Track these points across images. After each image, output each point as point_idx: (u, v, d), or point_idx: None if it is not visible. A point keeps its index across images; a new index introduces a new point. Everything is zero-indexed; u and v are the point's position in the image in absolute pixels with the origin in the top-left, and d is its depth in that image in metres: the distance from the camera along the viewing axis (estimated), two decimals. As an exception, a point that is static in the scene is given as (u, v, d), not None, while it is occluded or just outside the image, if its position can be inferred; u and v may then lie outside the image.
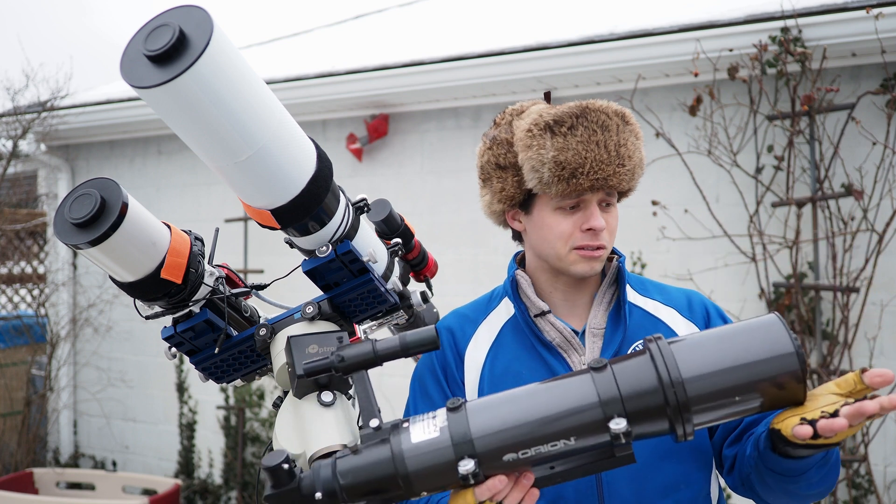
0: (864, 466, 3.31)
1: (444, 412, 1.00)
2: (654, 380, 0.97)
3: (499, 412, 0.98)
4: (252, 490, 4.83)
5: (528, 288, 1.46)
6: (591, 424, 0.96)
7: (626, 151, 1.37)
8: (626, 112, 1.42)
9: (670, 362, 0.97)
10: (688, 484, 1.35)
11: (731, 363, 0.97)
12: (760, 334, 0.99)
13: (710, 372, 0.96)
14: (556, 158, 1.35)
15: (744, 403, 0.98)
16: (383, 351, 1.01)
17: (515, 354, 1.43)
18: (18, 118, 5.07)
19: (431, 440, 0.96)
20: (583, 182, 1.35)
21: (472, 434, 0.96)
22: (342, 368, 1.00)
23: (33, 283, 5.89)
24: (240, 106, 0.94)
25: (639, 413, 0.96)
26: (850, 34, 3.21)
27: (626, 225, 3.82)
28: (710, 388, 0.96)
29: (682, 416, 0.96)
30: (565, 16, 4.74)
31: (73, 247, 0.99)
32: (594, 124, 1.36)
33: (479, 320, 1.50)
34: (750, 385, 0.97)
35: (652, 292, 1.49)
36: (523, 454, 0.97)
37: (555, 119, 1.37)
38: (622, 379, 0.98)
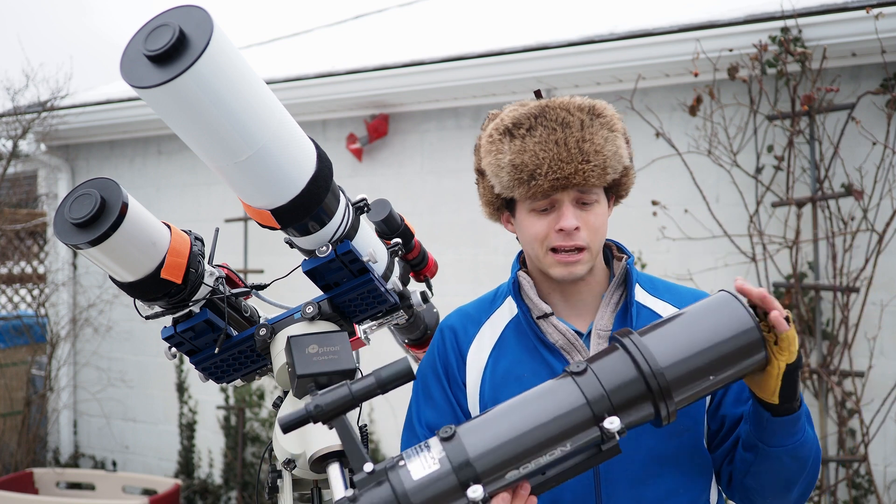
0: (864, 466, 3.31)
1: (438, 442, 1.00)
2: (635, 372, 1.05)
3: (493, 432, 1.00)
4: (252, 490, 4.83)
5: (530, 290, 1.44)
6: (583, 426, 1.02)
7: (591, 147, 1.32)
8: (596, 105, 1.37)
9: (647, 354, 1.05)
10: (687, 489, 1.34)
11: (701, 345, 1.07)
12: (721, 313, 1.10)
13: (683, 357, 1.06)
14: (513, 162, 1.33)
15: (717, 377, 1.08)
16: (360, 391, 0.98)
17: (518, 357, 1.41)
18: (18, 118, 5.07)
19: (433, 473, 0.96)
20: (542, 183, 1.32)
21: (472, 459, 0.97)
22: (320, 417, 0.96)
23: (33, 283, 5.89)
24: (240, 106, 0.94)
25: (625, 404, 1.03)
26: (850, 34, 3.21)
27: (626, 225, 3.83)
28: (687, 369, 1.06)
29: (665, 400, 1.05)
30: (565, 16, 4.74)
31: (73, 247, 0.99)
32: (553, 122, 1.33)
33: (483, 320, 1.48)
34: (721, 361, 1.08)
35: (662, 292, 1.46)
36: (524, 468, 0.99)
37: (513, 122, 1.36)
38: (604, 377, 1.04)
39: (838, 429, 3.32)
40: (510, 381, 1.38)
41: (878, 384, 3.31)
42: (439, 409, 1.43)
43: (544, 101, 1.38)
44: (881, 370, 3.33)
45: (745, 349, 1.09)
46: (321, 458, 1.04)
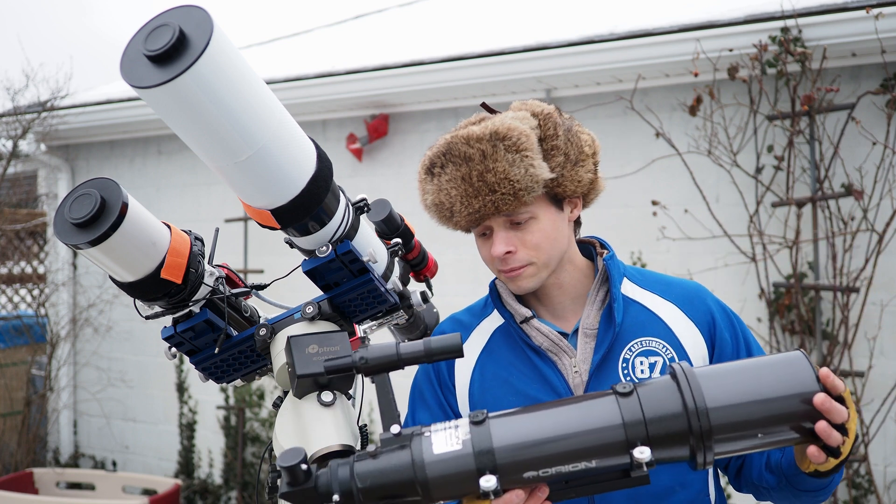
0: (864, 466, 3.31)
1: (468, 423, 1.00)
2: (679, 405, 0.98)
3: (522, 429, 0.99)
4: (252, 490, 4.83)
5: (507, 295, 1.46)
6: (613, 447, 0.97)
7: (493, 177, 1.30)
8: (498, 129, 1.32)
9: (696, 389, 0.98)
10: (684, 486, 1.34)
11: (755, 396, 0.98)
12: (786, 369, 1.00)
13: (734, 403, 0.98)
14: (434, 202, 1.38)
15: (765, 437, 0.99)
16: (407, 354, 1.00)
17: (507, 360, 1.42)
18: (18, 118, 5.07)
19: (454, 452, 0.97)
20: (459, 220, 1.36)
21: (495, 449, 0.97)
22: (364, 370, 1.00)
23: (33, 283, 5.89)
24: (240, 106, 0.94)
25: (661, 438, 0.97)
26: (850, 34, 3.21)
27: (626, 225, 3.84)
28: (734, 418, 0.97)
29: (703, 443, 0.97)
30: (565, 16, 4.74)
31: (73, 247, 0.98)
32: (458, 158, 1.34)
33: (473, 326, 1.50)
34: (772, 419, 0.99)
35: (652, 284, 1.46)
36: (543, 472, 0.98)
37: (430, 161, 1.39)
38: (647, 403, 0.98)
39: (838, 429, 3.32)
40: (498, 384, 1.40)
41: (878, 384, 3.31)
42: (433, 412, 1.46)
43: (450, 135, 1.38)
44: (881, 370, 3.33)
45: (801, 414, 0.99)
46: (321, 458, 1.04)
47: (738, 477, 1.38)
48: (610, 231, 3.71)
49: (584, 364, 1.37)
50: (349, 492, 0.95)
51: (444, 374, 1.47)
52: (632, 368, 1.36)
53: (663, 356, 1.36)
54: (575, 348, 1.39)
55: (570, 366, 1.38)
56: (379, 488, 0.96)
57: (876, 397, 3.30)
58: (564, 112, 1.46)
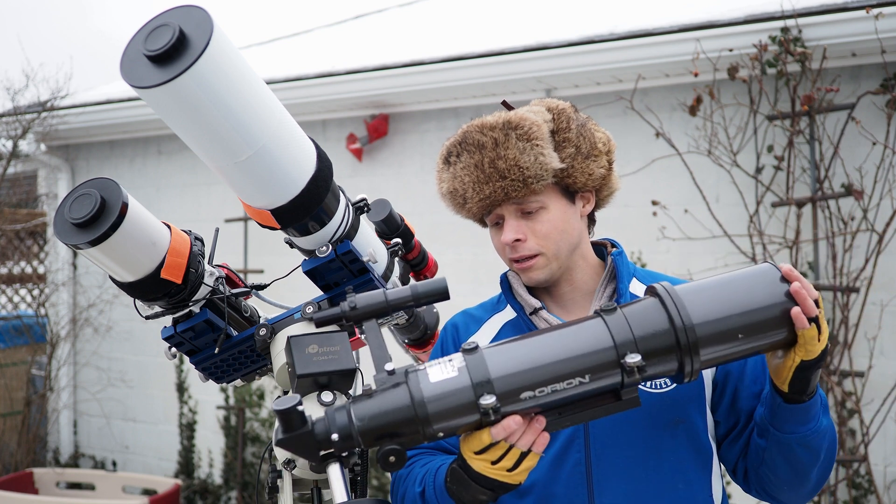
0: (864, 466, 3.31)
1: (461, 355, 1.01)
2: (666, 322, 1.04)
3: (515, 353, 1.02)
4: (252, 490, 4.83)
5: (519, 287, 1.47)
6: (606, 363, 1.01)
7: (504, 164, 1.34)
8: (511, 119, 1.38)
9: (681, 306, 1.04)
10: (686, 484, 1.34)
11: (735, 308, 1.06)
12: (759, 279, 1.09)
13: (717, 317, 1.05)
14: (449, 189, 1.41)
15: (745, 343, 1.07)
16: (395, 299, 1.01)
17: None
18: (18, 118, 5.07)
19: (450, 380, 0.97)
20: (471, 206, 1.39)
21: (491, 373, 0.98)
22: (353, 317, 1.00)
23: (33, 283, 5.89)
24: (239, 106, 0.94)
25: (650, 353, 1.03)
26: (850, 34, 3.21)
27: (626, 225, 3.83)
28: (717, 329, 1.05)
29: (691, 356, 1.04)
30: (565, 16, 4.74)
31: (73, 247, 0.99)
32: (472, 146, 1.38)
33: (484, 319, 1.51)
34: (751, 327, 1.07)
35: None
36: (540, 391, 1.00)
37: (448, 150, 1.43)
38: (634, 321, 1.04)
39: (838, 429, 3.32)
40: None
41: (878, 384, 3.31)
42: None
43: (466, 125, 1.42)
44: (881, 370, 3.33)
45: (774, 321, 1.08)
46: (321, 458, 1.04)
47: (746, 479, 1.38)
48: (610, 231, 3.68)
49: None
50: (348, 434, 0.95)
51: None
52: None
53: None
54: None
55: None
56: (378, 427, 0.96)
57: (876, 397, 3.30)
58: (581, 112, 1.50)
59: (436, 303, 1.03)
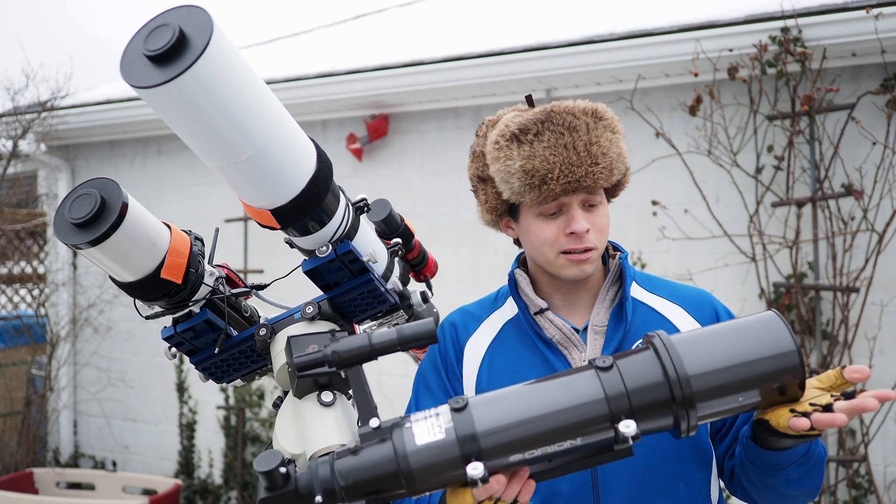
0: (864, 466, 3.31)
1: (448, 411, 0.98)
2: (660, 375, 0.98)
3: (504, 413, 0.97)
4: (252, 490, 4.83)
5: (526, 286, 1.48)
6: (597, 422, 0.96)
7: (598, 150, 1.35)
8: (598, 108, 1.39)
9: (676, 358, 0.98)
10: (687, 484, 1.34)
11: (734, 360, 0.99)
12: (761, 331, 1.01)
13: (714, 369, 0.98)
14: (525, 167, 1.35)
15: (745, 399, 1.00)
16: (379, 344, 0.96)
17: (516, 350, 1.44)
18: (18, 118, 5.07)
19: (437, 442, 0.95)
20: (554, 187, 1.34)
21: (479, 435, 0.95)
22: (336, 363, 0.95)
23: (33, 283, 5.89)
24: (239, 106, 0.94)
25: (644, 408, 0.97)
26: (850, 34, 3.21)
27: (626, 225, 3.83)
28: (714, 383, 0.98)
29: (687, 411, 0.97)
30: (565, 16, 4.74)
31: (73, 247, 0.98)
32: (561, 127, 1.35)
33: (483, 317, 1.51)
34: (752, 381, 0.99)
35: (659, 289, 1.49)
36: (529, 454, 0.96)
37: (520, 128, 1.37)
38: (628, 375, 0.99)
39: (838, 429, 3.32)
40: (507, 373, 1.42)
41: (878, 384, 3.31)
42: (438, 400, 1.47)
43: (548, 105, 1.39)
44: (881, 370, 3.33)
45: (780, 373, 1.00)
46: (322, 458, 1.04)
47: (732, 480, 1.38)
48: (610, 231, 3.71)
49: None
50: (331, 490, 0.93)
51: (453, 360, 1.48)
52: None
53: None
54: (585, 343, 1.41)
55: (580, 360, 1.39)
56: (362, 484, 0.94)
57: (876, 397, 3.29)
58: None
59: (423, 346, 0.98)
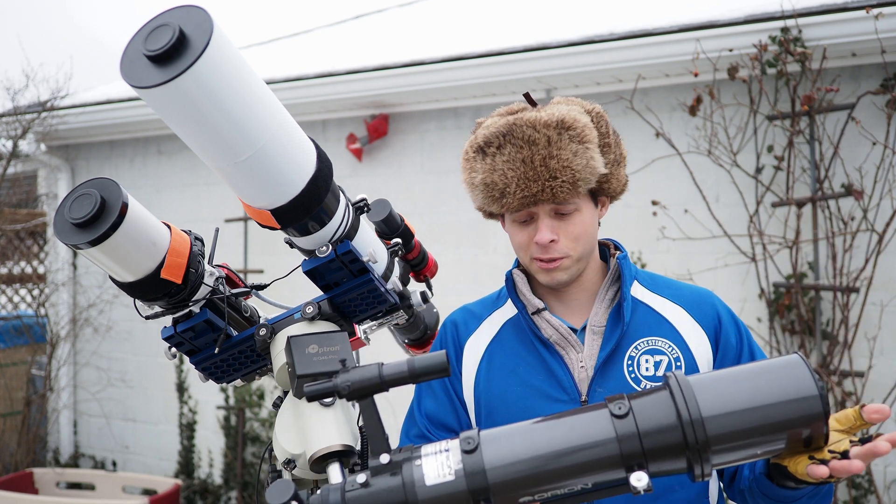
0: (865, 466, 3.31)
1: (459, 450, 0.98)
2: (674, 417, 0.94)
3: (515, 455, 0.97)
4: (252, 490, 4.83)
5: (524, 286, 1.48)
6: (608, 463, 0.95)
7: (557, 163, 1.32)
8: (565, 119, 1.36)
9: (690, 400, 0.94)
10: (682, 485, 1.34)
11: (752, 403, 0.94)
12: (783, 374, 0.97)
13: (730, 411, 0.94)
14: (485, 181, 1.37)
15: (764, 445, 0.96)
16: (390, 376, 0.98)
17: (515, 351, 1.45)
18: (18, 118, 5.07)
19: (447, 484, 0.95)
20: (511, 201, 1.35)
21: (489, 477, 0.95)
22: (346, 395, 0.97)
23: (33, 283, 5.89)
24: (239, 106, 0.94)
25: (657, 452, 0.94)
26: (850, 34, 3.21)
27: (626, 225, 3.83)
28: (731, 428, 0.94)
29: (700, 455, 0.93)
30: (565, 16, 4.74)
31: (73, 247, 0.98)
32: (520, 140, 1.35)
33: (484, 316, 1.52)
34: (771, 427, 0.95)
35: (662, 288, 1.48)
36: (539, 496, 0.97)
37: (485, 140, 1.38)
38: (640, 416, 0.95)
39: (838, 429, 3.32)
40: (504, 373, 1.43)
41: (878, 384, 3.31)
42: (439, 399, 1.49)
43: (513, 118, 1.39)
44: (881, 370, 3.33)
45: (801, 420, 0.95)
46: (321, 458, 1.04)
47: (731, 485, 1.38)
48: (610, 231, 3.71)
49: (590, 360, 1.39)
50: None
51: (453, 360, 1.49)
52: (637, 366, 1.38)
53: (669, 356, 1.38)
54: (582, 343, 1.41)
55: (577, 360, 1.39)
56: None
57: (876, 397, 3.30)
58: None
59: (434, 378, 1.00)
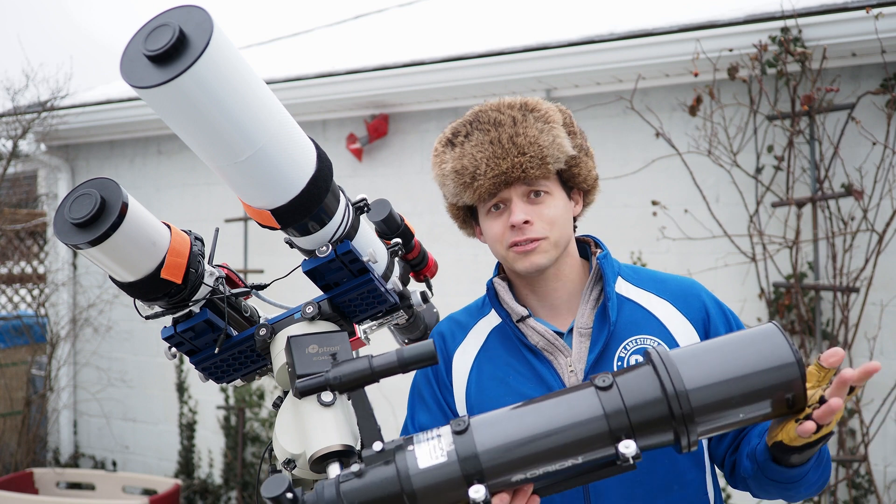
0: (864, 466, 3.31)
1: (450, 433, 1.00)
2: (659, 391, 0.98)
3: (505, 433, 0.99)
4: (252, 490, 4.83)
5: (505, 294, 1.47)
6: (598, 440, 0.97)
7: (524, 140, 1.35)
8: (528, 101, 1.41)
9: (674, 373, 0.98)
10: (681, 485, 1.33)
11: (733, 373, 0.98)
12: (760, 344, 1.00)
13: (712, 383, 0.97)
14: (455, 168, 1.39)
15: (746, 412, 0.99)
16: (380, 367, 1.00)
17: (503, 360, 1.43)
18: (18, 118, 5.07)
19: (439, 465, 0.97)
20: (483, 182, 1.37)
21: (481, 458, 0.97)
22: (338, 387, 0.99)
23: (33, 283, 5.89)
24: (239, 106, 0.94)
25: (643, 425, 0.97)
26: (850, 34, 3.21)
27: (626, 225, 3.83)
28: (714, 398, 0.97)
29: (686, 426, 0.97)
30: (565, 16, 4.74)
31: (73, 247, 0.98)
32: (486, 124, 1.38)
33: (470, 325, 1.51)
34: (752, 395, 0.98)
35: (647, 283, 1.46)
36: (531, 474, 0.98)
37: (453, 132, 1.42)
38: (626, 392, 0.99)
39: (838, 429, 3.32)
40: (495, 383, 1.41)
41: (878, 384, 3.31)
42: (431, 411, 1.47)
43: (478, 107, 1.43)
44: (881, 370, 3.33)
45: (780, 386, 0.99)
46: (321, 458, 1.04)
47: (733, 474, 1.38)
48: (610, 231, 3.71)
49: (579, 363, 1.37)
50: None
51: (443, 372, 1.48)
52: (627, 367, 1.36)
53: None
54: (570, 347, 1.39)
55: (566, 365, 1.38)
56: None
57: (876, 397, 3.30)
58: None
59: (422, 367, 1.02)
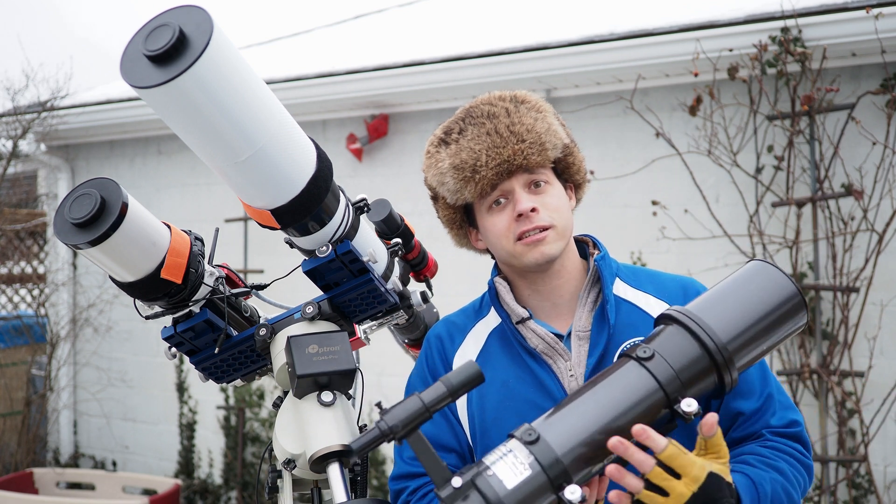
0: (864, 466, 3.31)
1: (522, 445, 1.00)
2: (698, 348, 1.08)
3: (576, 431, 1.02)
4: (252, 490, 4.83)
5: (506, 295, 1.44)
6: (658, 408, 1.06)
7: (521, 128, 1.35)
8: (517, 94, 1.42)
9: (707, 328, 1.09)
10: None
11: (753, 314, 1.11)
12: (761, 281, 1.14)
13: (740, 326, 1.10)
14: (453, 163, 1.36)
15: (768, 341, 1.13)
16: (433, 401, 0.99)
17: (502, 363, 1.40)
18: (18, 118, 5.07)
19: (527, 479, 0.97)
20: (485, 173, 1.35)
21: (563, 460, 0.99)
22: (398, 436, 0.97)
23: (33, 283, 5.89)
24: (239, 106, 0.94)
25: (691, 380, 1.08)
26: (850, 34, 3.21)
27: (626, 225, 3.83)
28: (744, 339, 1.10)
29: (729, 369, 1.09)
30: (565, 16, 4.74)
31: (73, 247, 0.99)
32: (481, 118, 1.38)
33: (468, 328, 1.48)
34: (770, 327, 1.12)
35: (645, 284, 1.44)
36: (609, 459, 1.04)
37: (445, 131, 1.41)
38: (670, 357, 1.07)
39: (838, 429, 3.32)
40: (495, 388, 1.38)
41: (878, 384, 3.31)
42: (435, 421, 1.43)
43: (467, 105, 1.43)
44: (881, 370, 3.33)
45: (791, 313, 1.13)
46: (321, 458, 1.04)
47: None
48: (610, 231, 3.71)
49: (578, 367, 1.35)
50: None
51: (441, 374, 1.45)
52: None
53: None
54: (569, 350, 1.37)
55: (566, 369, 1.36)
56: None
57: (876, 397, 3.30)
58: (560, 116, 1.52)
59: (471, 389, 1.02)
